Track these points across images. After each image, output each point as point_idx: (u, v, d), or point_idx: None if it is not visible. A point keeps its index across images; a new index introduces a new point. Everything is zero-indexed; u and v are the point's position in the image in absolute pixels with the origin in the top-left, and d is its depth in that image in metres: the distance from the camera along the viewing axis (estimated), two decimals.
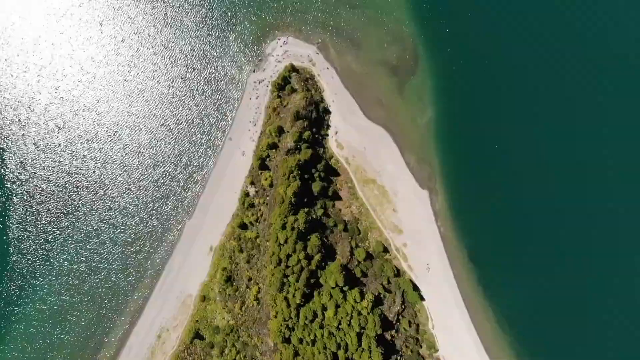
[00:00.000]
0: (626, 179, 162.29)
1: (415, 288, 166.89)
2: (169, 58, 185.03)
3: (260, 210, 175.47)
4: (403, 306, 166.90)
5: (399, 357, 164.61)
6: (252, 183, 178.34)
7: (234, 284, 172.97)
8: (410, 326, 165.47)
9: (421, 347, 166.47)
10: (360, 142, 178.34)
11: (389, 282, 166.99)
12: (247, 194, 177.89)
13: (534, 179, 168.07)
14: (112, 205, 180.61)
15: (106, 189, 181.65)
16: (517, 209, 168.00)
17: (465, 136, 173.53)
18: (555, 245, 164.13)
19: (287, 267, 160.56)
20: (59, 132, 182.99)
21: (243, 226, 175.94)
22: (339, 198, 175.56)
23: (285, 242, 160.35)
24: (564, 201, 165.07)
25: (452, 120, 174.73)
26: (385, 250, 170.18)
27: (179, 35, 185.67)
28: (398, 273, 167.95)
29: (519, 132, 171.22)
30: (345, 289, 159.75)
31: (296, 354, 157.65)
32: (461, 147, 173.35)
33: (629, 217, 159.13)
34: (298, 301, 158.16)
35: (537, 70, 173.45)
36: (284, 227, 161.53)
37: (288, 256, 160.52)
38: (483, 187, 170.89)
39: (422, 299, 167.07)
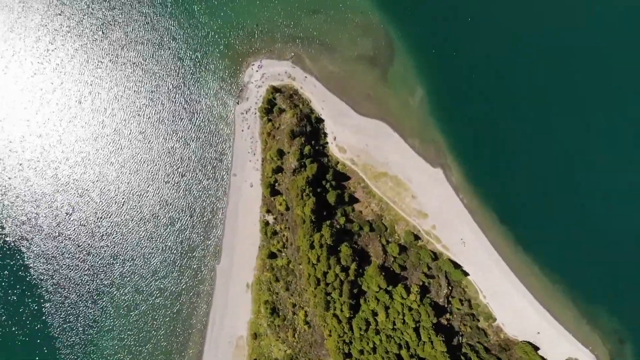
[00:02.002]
0: None
1: (457, 266, 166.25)
2: (155, 115, 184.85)
3: (284, 235, 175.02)
4: (450, 287, 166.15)
5: (460, 338, 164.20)
6: (268, 211, 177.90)
7: (280, 313, 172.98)
8: (462, 304, 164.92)
9: (479, 320, 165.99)
10: (360, 140, 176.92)
11: (429, 268, 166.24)
12: (266, 223, 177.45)
13: (539, 123, 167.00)
14: (142, 273, 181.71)
15: (132, 259, 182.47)
16: (531, 157, 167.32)
17: (460, 103, 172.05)
18: (578, 184, 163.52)
19: (327, 284, 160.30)
20: (70, 218, 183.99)
21: (272, 255, 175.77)
22: (357, 200, 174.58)
23: (318, 260, 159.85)
24: (572, 139, 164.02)
25: (442, 92, 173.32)
26: (417, 237, 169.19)
27: (157, 90, 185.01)
28: (435, 256, 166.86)
29: (511, 83, 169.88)
30: (389, 288, 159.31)
31: None
32: (459, 115, 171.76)
33: None
34: (347, 315, 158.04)
35: (515, 22, 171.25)
36: (312, 246, 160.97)
37: (325, 274, 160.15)
38: (492, 147, 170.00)
39: (465, 274, 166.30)
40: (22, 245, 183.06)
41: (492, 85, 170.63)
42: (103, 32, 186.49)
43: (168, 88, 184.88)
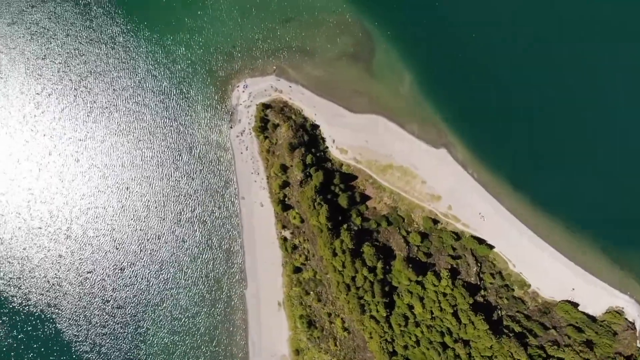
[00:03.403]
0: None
1: (480, 241, 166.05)
2: (154, 157, 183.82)
3: (304, 248, 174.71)
4: (478, 264, 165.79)
5: (499, 311, 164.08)
6: (284, 227, 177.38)
7: (317, 325, 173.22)
8: (494, 278, 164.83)
9: (513, 290, 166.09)
10: (359, 138, 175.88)
11: (454, 250, 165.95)
12: (285, 239, 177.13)
13: (531, 82, 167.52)
14: (174, 315, 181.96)
15: (161, 303, 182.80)
16: (532, 116, 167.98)
17: (450, 79, 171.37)
18: (583, 131, 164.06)
19: (358, 288, 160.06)
20: (92, 275, 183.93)
21: (297, 270, 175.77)
22: (368, 198, 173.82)
23: (343, 266, 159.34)
24: (565, 94, 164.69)
25: (430, 72, 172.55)
26: (435, 222, 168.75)
27: (151, 131, 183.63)
28: (458, 236, 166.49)
29: (496, 49, 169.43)
30: (419, 279, 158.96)
31: None
32: (451, 91, 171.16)
33: None
34: (384, 314, 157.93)
35: None
36: (334, 253, 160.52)
37: (353, 278, 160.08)
38: (490, 116, 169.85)
39: (491, 247, 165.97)
40: (51, 312, 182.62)
41: (478, 55, 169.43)
42: (85, 87, 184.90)
43: (161, 127, 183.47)
